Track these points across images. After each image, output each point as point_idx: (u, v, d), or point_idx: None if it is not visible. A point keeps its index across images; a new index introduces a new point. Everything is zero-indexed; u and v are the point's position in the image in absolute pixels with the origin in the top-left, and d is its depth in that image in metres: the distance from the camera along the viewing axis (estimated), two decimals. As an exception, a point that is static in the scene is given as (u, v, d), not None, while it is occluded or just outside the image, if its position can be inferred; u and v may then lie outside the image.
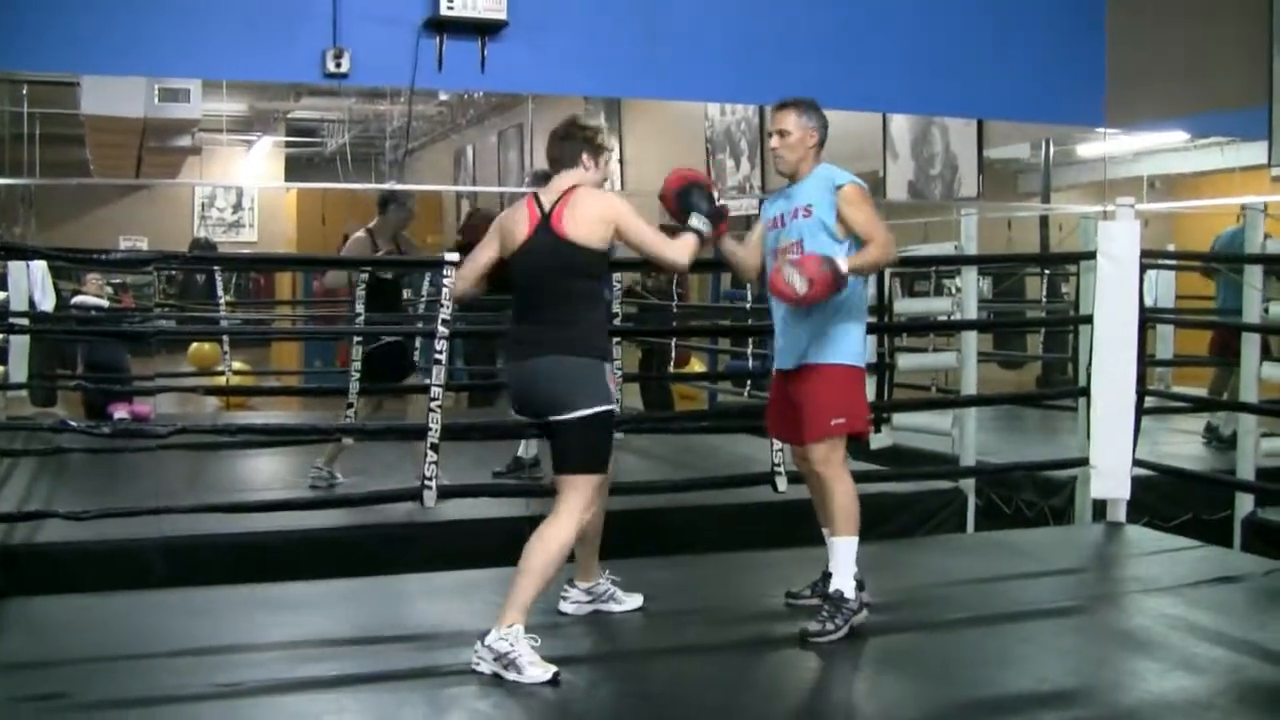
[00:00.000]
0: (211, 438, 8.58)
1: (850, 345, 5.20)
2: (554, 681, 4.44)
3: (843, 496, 5.13)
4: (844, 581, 5.07)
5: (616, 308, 7.95)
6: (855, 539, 5.12)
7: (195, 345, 17.53)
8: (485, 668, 4.52)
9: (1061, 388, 11.30)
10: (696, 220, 4.99)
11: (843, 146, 5.26)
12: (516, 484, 7.88)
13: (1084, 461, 7.36)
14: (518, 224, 4.95)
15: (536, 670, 4.46)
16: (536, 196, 4.97)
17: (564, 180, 4.96)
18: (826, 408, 5.14)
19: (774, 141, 5.34)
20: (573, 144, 5.01)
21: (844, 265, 4.99)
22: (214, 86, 17.66)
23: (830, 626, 4.97)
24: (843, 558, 5.10)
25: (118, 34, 6.78)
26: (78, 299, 13.29)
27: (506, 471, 8.31)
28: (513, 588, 4.58)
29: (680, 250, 4.93)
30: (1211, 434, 10.05)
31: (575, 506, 4.71)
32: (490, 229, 5.13)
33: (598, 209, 4.85)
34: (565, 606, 5.35)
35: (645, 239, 4.89)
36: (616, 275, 7.87)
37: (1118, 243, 7.14)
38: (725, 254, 5.57)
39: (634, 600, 5.45)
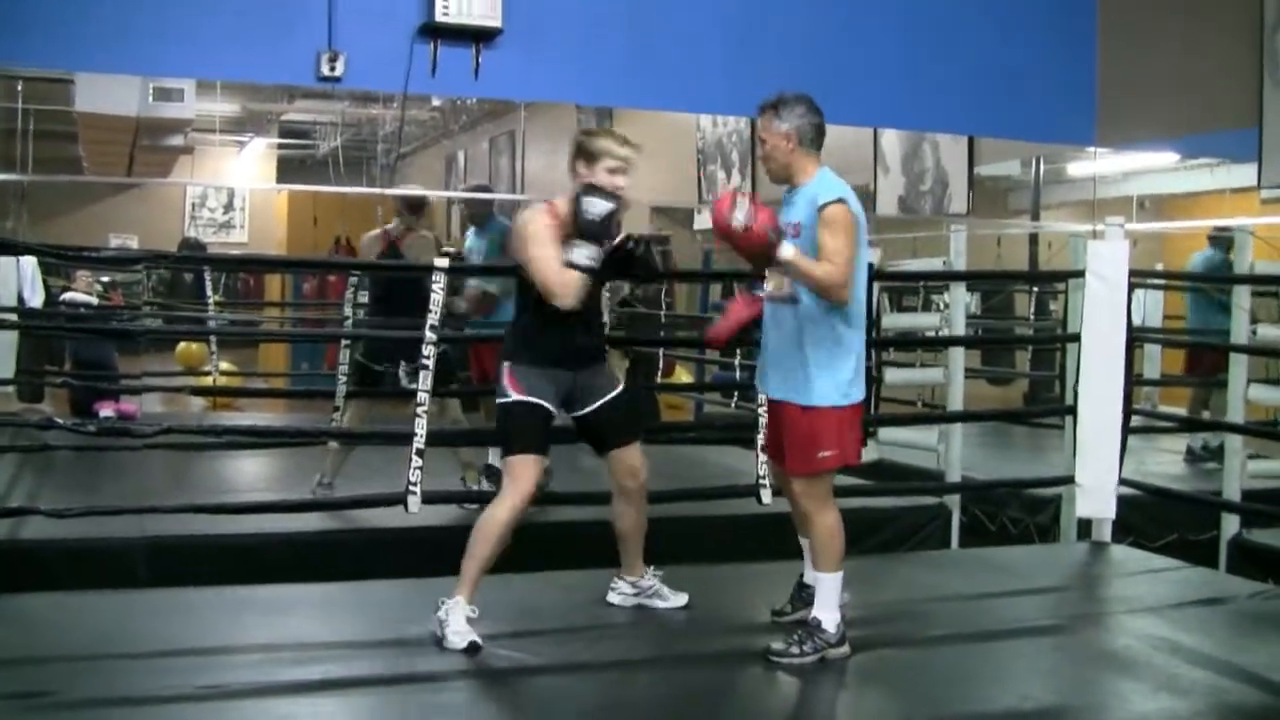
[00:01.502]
0: (197, 438, 8.57)
1: (838, 385, 4.92)
2: (470, 650, 4.78)
3: (823, 531, 4.97)
4: (823, 612, 4.94)
5: (606, 316, 7.93)
6: (838, 574, 4.96)
7: (183, 345, 17.49)
8: (436, 630, 4.91)
9: (1048, 405, 11.34)
10: (576, 254, 4.97)
11: (833, 159, 5.14)
12: (476, 491, 7.87)
13: (1070, 480, 7.37)
14: None
15: (456, 639, 4.83)
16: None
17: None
18: (813, 443, 4.94)
19: (759, 151, 5.16)
20: (570, 152, 5.19)
21: (788, 251, 4.76)
22: (208, 87, 17.64)
23: (795, 650, 4.87)
24: (823, 593, 4.98)
25: (113, 32, 6.78)
26: (67, 295, 13.27)
27: (486, 478, 8.27)
28: (462, 564, 4.99)
29: (558, 282, 4.97)
30: (1193, 455, 10.08)
31: (504, 487, 5.11)
32: None
33: (519, 229, 5.12)
34: (612, 598, 5.57)
35: (532, 267, 5.03)
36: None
37: (1106, 262, 7.16)
38: None
39: (679, 598, 5.59)
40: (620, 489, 5.37)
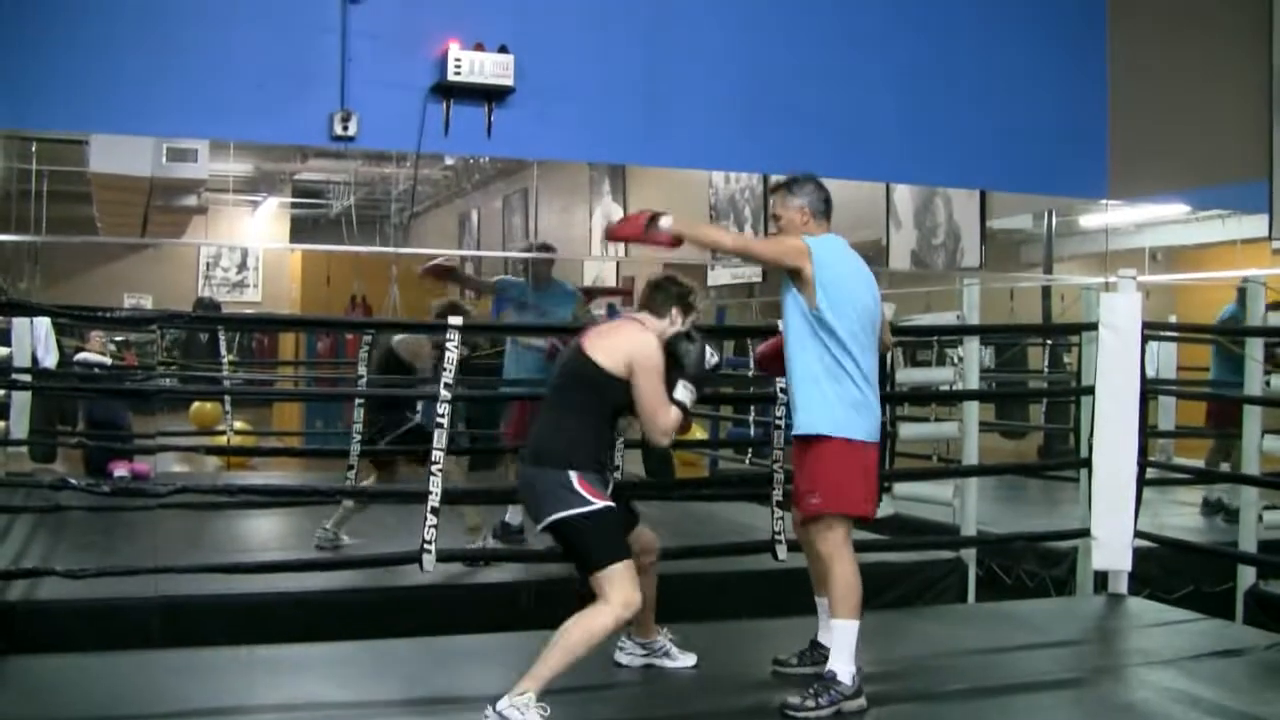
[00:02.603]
0: (211, 498, 8.56)
1: (820, 413, 5.04)
2: None
3: (839, 578, 5.01)
4: (839, 664, 4.95)
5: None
6: (855, 622, 4.98)
7: (197, 404, 17.52)
8: None
9: (1063, 458, 11.31)
10: (681, 392, 5.01)
11: (845, 215, 5.24)
12: (516, 550, 7.86)
13: (1085, 532, 7.34)
14: None
15: None
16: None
17: (647, 319, 5.15)
18: (806, 483, 5.12)
19: (773, 227, 5.36)
20: (666, 296, 5.19)
21: (669, 220, 5.10)
22: (221, 147, 17.77)
23: (811, 704, 4.85)
24: (839, 640, 4.99)
25: (128, 95, 6.84)
26: (81, 356, 13.31)
27: (494, 536, 8.27)
28: (539, 658, 4.61)
29: (665, 420, 4.95)
30: (1210, 507, 10.03)
31: (610, 598, 4.73)
32: None
33: (636, 349, 4.96)
34: (620, 658, 5.53)
35: (647, 399, 4.93)
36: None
37: (1119, 314, 7.16)
38: None
39: (688, 659, 5.56)
40: (639, 564, 5.11)
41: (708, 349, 5.13)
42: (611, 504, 4.88)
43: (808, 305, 5.07)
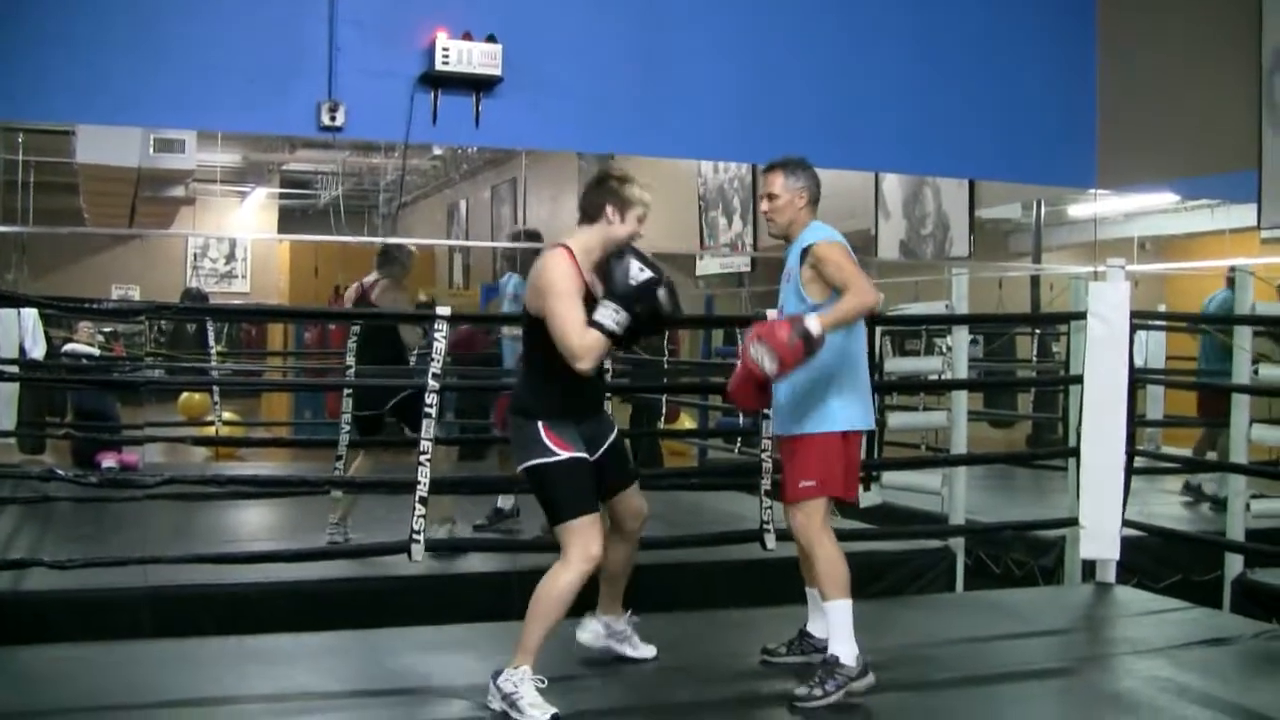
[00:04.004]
0: (200, 488, 8.55)
1: (828, 413, 5.04)
2: None
3: (824, 561, 5.01)
4: (839, 646, 4.95)
5: (607, 363, 7.92)
6: (846, 601, 4.97)
7: (185, 395, 17.51)
8: (495, 705, 4.62)
9: (1051, 447, 11.33)
10: (602, 313, 4.67)
11: (834, 205, 5.23)
12: (504, 539, 7.86)
13: (1073, 521, 7.35)
14: None
15: (535, 712, 4.54)
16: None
17: (574, 235, 4.89)
18: (796, 474, 5.08)
19: (764, 205, 5.25)
20: (598, 193, 4.89)
21: (815, 326, 4.73)
22: (209, 138, 17.76)
23: (818, 691, 4.85)
24: (834, 622, 4.99)
25: (117, 86, 6.83)
26: (69, 347, 13.27)
27: (488, 524, 8.28)
28: (522, 630, 4.68)
29: (580, 345, 4.64)
30: (1193, 492, 10.06)
31: (568, 553, 4.72)
32: None
33: (536, 275, 4.76)
34: (581, 635, 5.39)
35: (553, 323, 4.67)
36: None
37: (1108, 303, 7.16)
38: None
39: (647, 650, 5.47)
40: (622, 530, 5.19)
41: (635, 263, 4.71)
42: (580, 455, 4.81)
43: (814, 300, 4.99)
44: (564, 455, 4.76)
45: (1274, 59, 7.84)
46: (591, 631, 5.41)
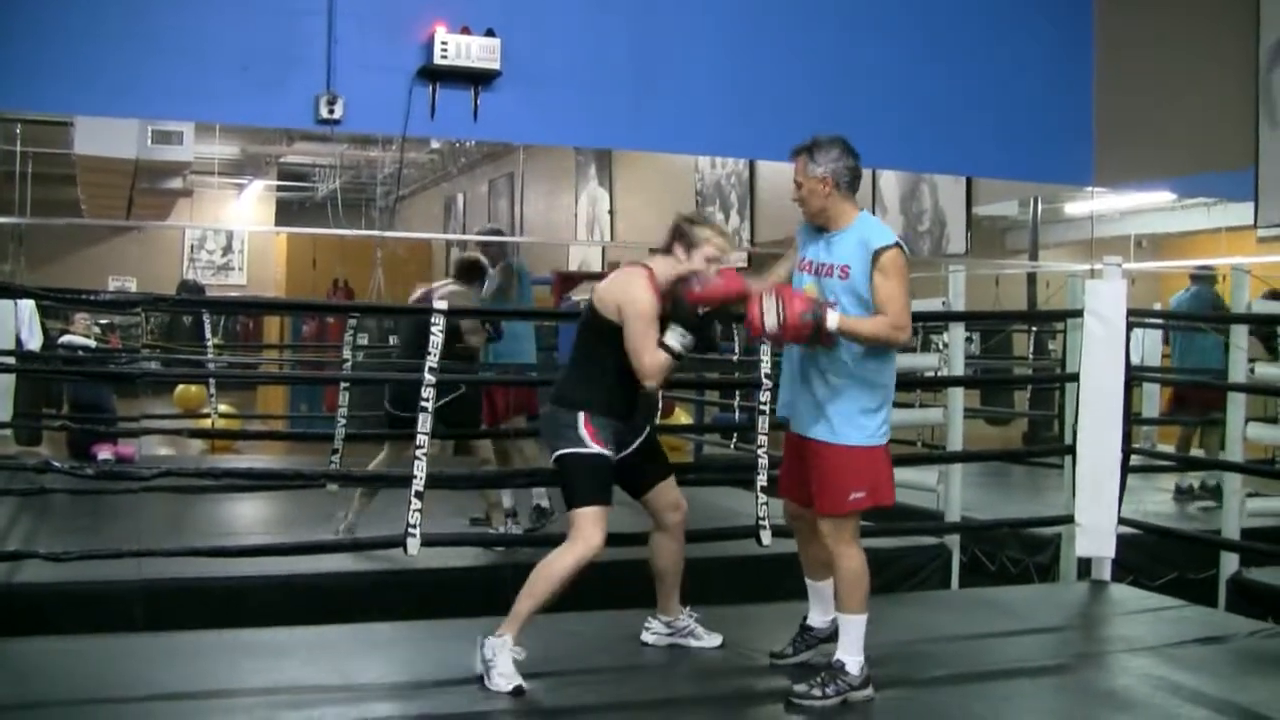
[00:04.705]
0: (196, 481, 8.53)
1: (870, 424, 4.90)
2: (515, 693, 4.75)
3: (849, 572, 4.94)
4: (847, 655, 4.92)
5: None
6: (863, 616, 4.95)
7: (181, 387, 17.50)
8: (478, 667, 4.85)
9: (1047, 445, 11.33)
10: (672, 337, 4.98)
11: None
12: (500, 534, 7.85)
13: (1069, 519, 7.35)
14: None
15: (501, 680, 4.79)
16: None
17: (654, 260, 5.19)
18: (846, 483, 4.91)
19: (792, 194, 5.06)
20: (673, 231, 5.20)
21: (834, 322, 4.69)
22: (206, 130, 17.76)
23: (818, 693, 4.84)
24: (849, 634, 4.95)
25: (114, 76, 6.83)
26: (65, 338, 13.28)
27: (485, 519, 8.27)
28: (515, 602, 4.92)
29: (652, 364, 4.97)
30: (1182, 492, 10.07)
31: (574, 536, 4.96)
32: None
33: (621, 290, 5.08)
34: (646, 637, 5.59)
35: (632, 341, 4.98)
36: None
37: (1104, 301, 7.16)
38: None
39: (714, 639, 5.61)
40: (662, 524, 5.43)
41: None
42: (607, 453, 5.05)
43: (867, 301, 4.83)
44: (594, 449, 5.02)
45: (1271, 57, 7.85)
46: (655, 633, 5.62)
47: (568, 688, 4.86)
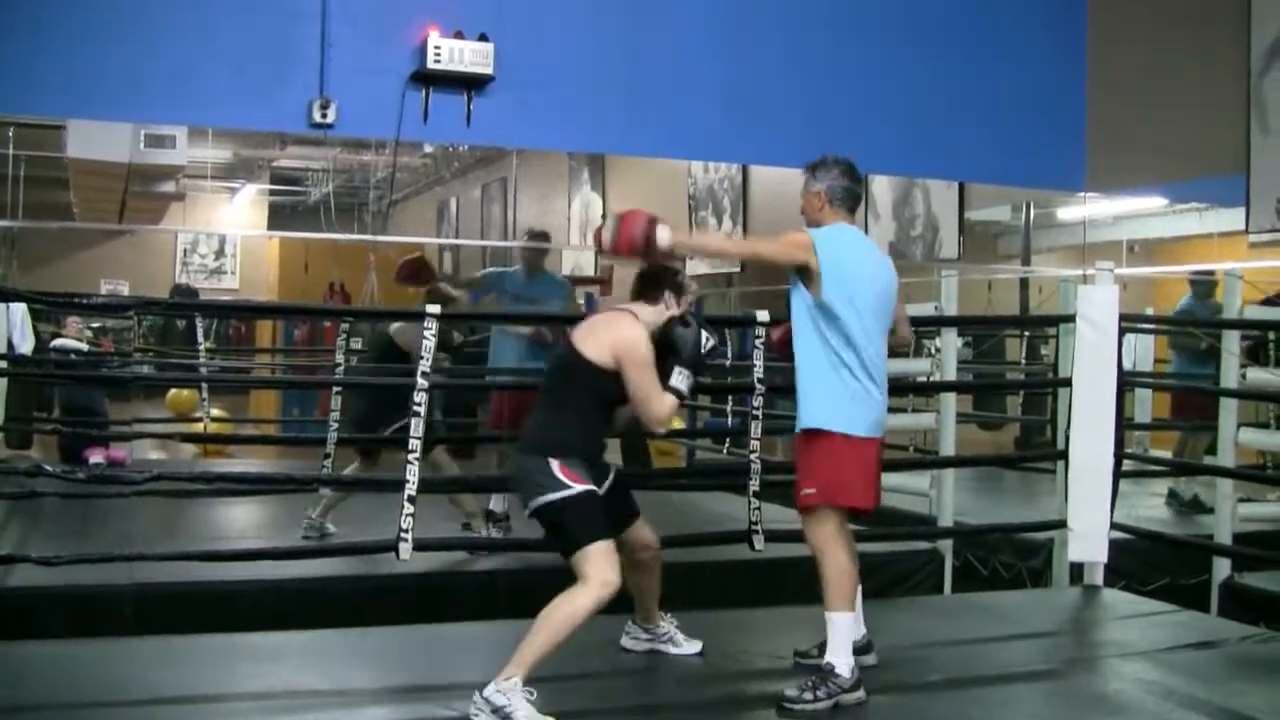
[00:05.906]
0: (188, 485, 8.53)
1: (817, 407, 5.01)
2: None
3: (828, 570, 4.98)
4: (835, 656, 4.93)
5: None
6: (848, 615, 4.98)
7: (174, 391, 17.48)
8: (483, 719, 4.51)
9: (1040, 450, 11.32)
10: (677, 379, 5.00)
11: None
12: (492, 539, 7.85)
13: (1062, 524, 7.35)
14: None
15: None
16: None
17: (638, 307, 5.15)
18: (800, 476, 5.05)
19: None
20: (656, 282, 5.18)
21: (666, 236, 4.92)
22: (199, 133, 17.73)
23: (808, 696, 4.84)
24: (836, 635, 4.96)
25: (107, 80, 6.82)
26: (57, 342, 13.26)
27: (468, 527, 8.25)
28: (523, 642, 4.59)
29: (659, 409, 4.96)
30: (1175, 499, 10.07)
31: (588, 578, 4.71)
32: None
33: (616, 339, 4.98)
34: (625, 642, 5.59)
35: (637, 391, 4.93)
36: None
37: (1097, 306, 7.16)
38: None
39: (693, 645, 5.59)
40: (636, 563, 5.28)
41: (704, 333, 5.08)
42: (592, 488, 4.89)
43: (812, 298, 5.00)
44: (579, 488, 4.84)
45: (1262, 63, 7.87)
46: (634, 638, 5.61)
47: (552, 694, 4.82)
